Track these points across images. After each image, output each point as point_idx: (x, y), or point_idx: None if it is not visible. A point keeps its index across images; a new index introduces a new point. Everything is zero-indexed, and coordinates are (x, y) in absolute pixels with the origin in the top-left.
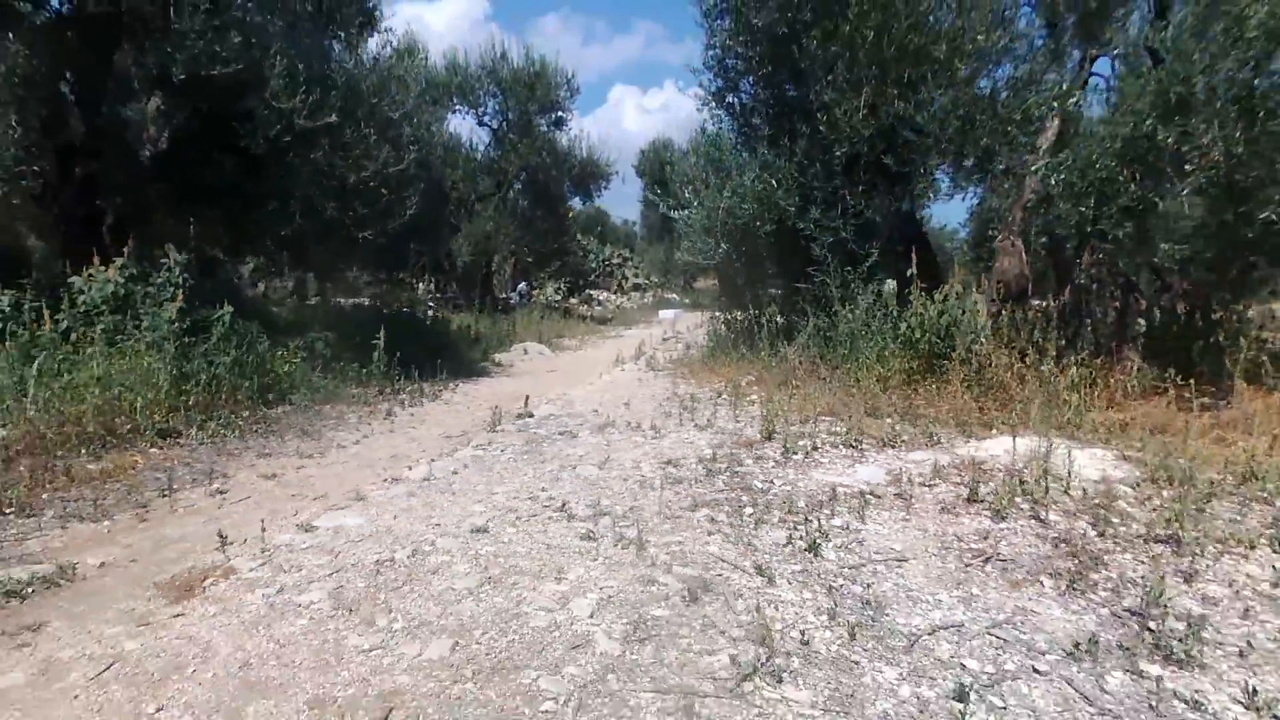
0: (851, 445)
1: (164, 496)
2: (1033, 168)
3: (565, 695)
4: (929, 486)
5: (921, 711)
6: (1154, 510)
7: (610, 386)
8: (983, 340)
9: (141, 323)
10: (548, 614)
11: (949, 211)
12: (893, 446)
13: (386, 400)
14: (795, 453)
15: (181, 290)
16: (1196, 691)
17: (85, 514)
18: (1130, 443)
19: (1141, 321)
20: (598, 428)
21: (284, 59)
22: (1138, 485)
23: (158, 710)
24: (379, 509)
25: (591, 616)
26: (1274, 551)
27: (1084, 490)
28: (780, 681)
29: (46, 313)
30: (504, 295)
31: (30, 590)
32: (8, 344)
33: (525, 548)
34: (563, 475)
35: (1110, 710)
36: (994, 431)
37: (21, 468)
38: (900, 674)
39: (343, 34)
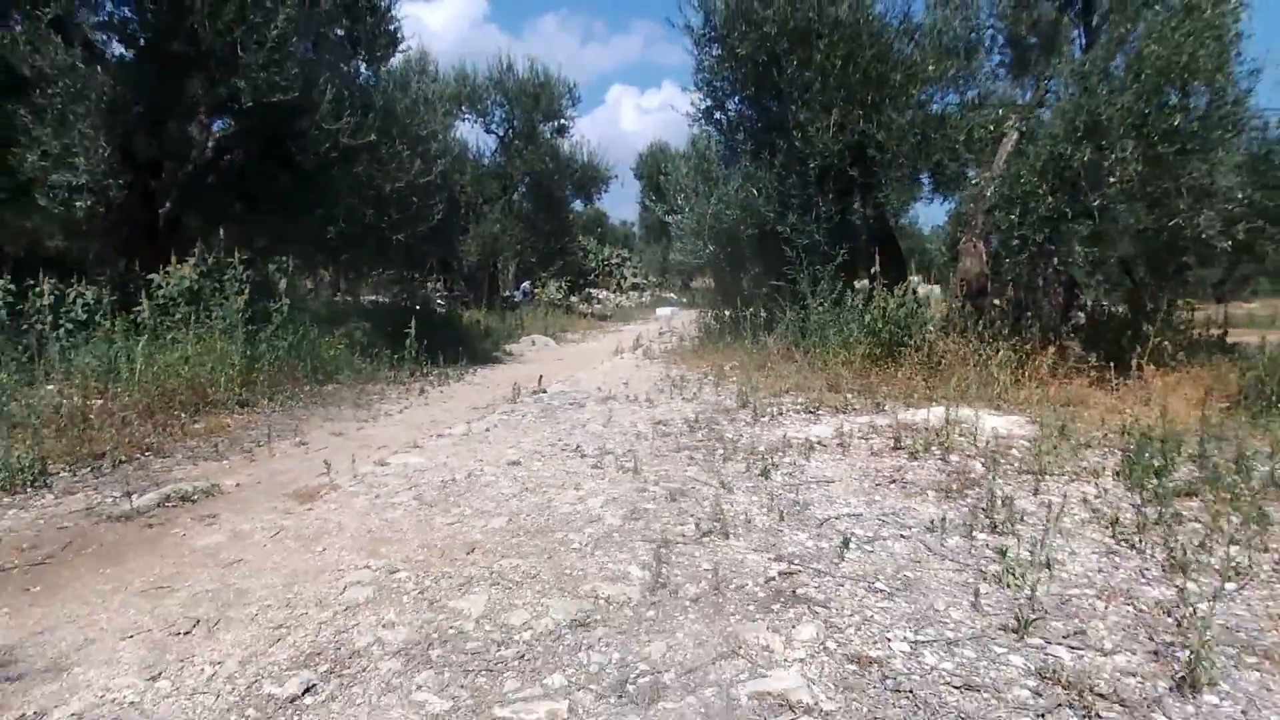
0: (810, 412)
1: (260, 446)
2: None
3: (585, 542)
4: (865, 439)
5: (818, 551)
6: (1035, 454)
7: (611, 371)
8: (931, 329)
9: (212, 313)
10: (570, 505)
11: (935, 214)
12: (844, 413)
13: (418, 381)
14: (763, 416)
15: (247, 286)
16: (1002, 545)
17: (207, 455)
18: (1043, 411)
19: (1080, 314)
20: (601, 400)
21: (332, 87)
22: (1033, 439)
23: (322, 550)
24: (433, 452)
25: (601, 507)
26: (1112, 479)
27: (988, 442)
28: (727, 538)
29: (146, 302)
30: (508, 294)
31: (195, 498)
32: (106, 330)
33: (550, 473)
34: (575, 431)
35: (942, 554)
36: (933, 403)
37: (146, 425)
38: (809, 536)
39: (365, 54)
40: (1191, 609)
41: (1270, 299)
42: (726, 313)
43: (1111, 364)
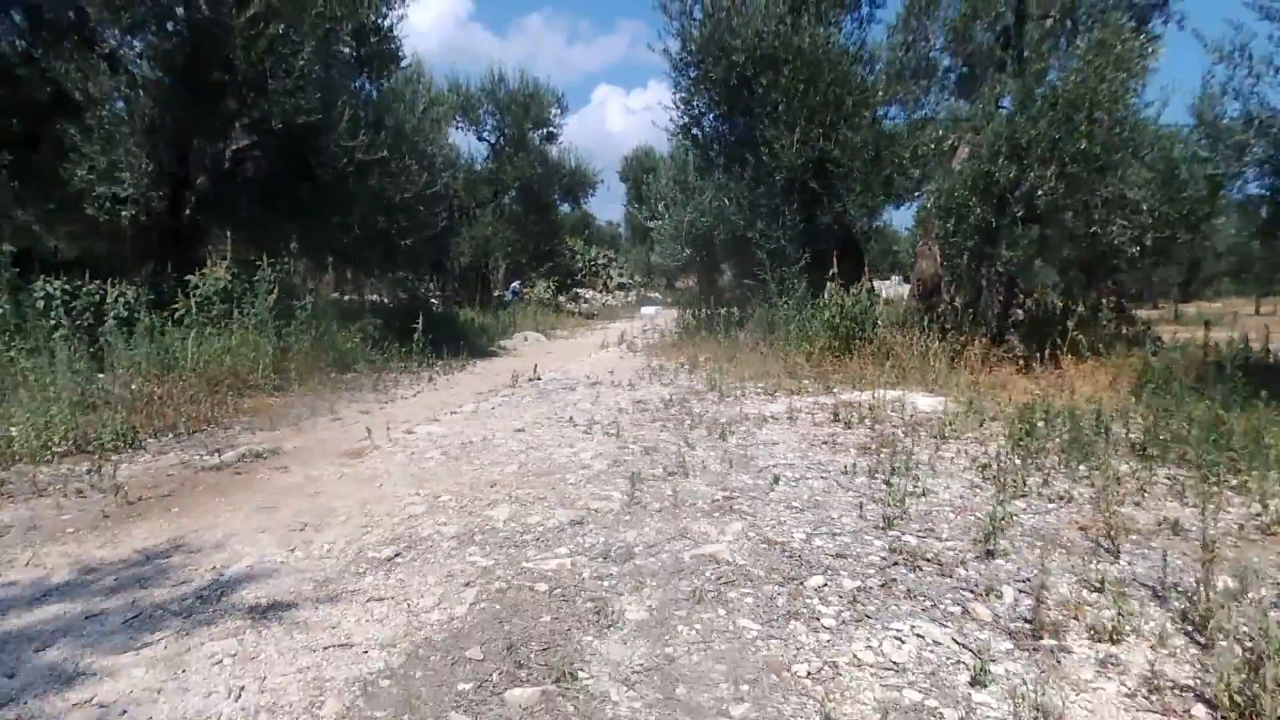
0: (769, 394)
1: (304, 420)
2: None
3: (579, 480)
4: (810, 414)
5: (755, 486)
6: (944, 423)
7: (598, 362)
8: (882, 324)
9: (243, 309)
10: (567, 458)
11: (908, 219)
12: (798, 395)
13: (426, 370)
14: (728, 397)
15: (275, 286)
16: (893, 481)
17: (261, 427)
18: (966, 393)
19: (1019, 312)
20: (589, 385)
21: (349, 108)
22: (951, 414)
23: (380, 486)
24: (450, 424)
25: (591, 459)
26: (1003, 441)
27: (912, 415)
28: (687, 477)
29: (188, 301)
30: (499, 293)
31: (266, 455)
32: (146, 325)
33: (549, 436)
34: (567, 408)
35: (849, 488)
36: (876, 387)
37: (205, 404)
38: (750, 477)
39: (371, 72)
40: (1009, 515)
41: (1232, 299)
42: (704, 310)
43: (1039, 354)
